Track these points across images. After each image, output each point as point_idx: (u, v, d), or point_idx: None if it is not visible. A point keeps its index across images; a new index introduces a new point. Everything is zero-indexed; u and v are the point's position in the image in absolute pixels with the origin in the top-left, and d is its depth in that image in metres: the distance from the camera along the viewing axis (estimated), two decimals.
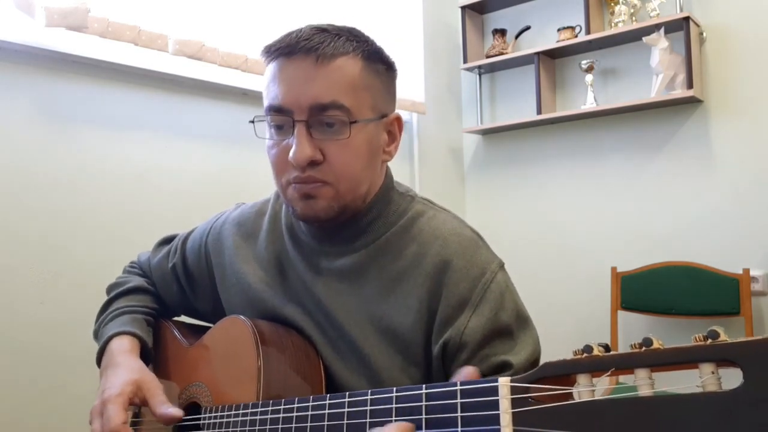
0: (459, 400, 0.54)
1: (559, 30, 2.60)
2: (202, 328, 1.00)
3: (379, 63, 0.82)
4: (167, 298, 1.06)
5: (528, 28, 2.75)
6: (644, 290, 2.31)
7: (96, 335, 1.00)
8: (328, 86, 0.76)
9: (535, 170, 2.76)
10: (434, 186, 2.76)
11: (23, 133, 1.52)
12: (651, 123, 2.47)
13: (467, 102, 2.99)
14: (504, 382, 0.51)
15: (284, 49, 0.77)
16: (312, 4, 2.15)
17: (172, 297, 1.05)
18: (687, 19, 2.25)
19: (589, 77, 2.54)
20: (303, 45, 0.76)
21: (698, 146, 2.37)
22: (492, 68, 2.85)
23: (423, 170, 2.71)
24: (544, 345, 0.82)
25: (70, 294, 1.57)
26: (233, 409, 0.79)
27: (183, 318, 1.09)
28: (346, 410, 0.64)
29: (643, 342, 0.44)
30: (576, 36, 2.57)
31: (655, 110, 2.45)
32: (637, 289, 2.32)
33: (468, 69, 2.84)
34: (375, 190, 0.85)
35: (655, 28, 2.31)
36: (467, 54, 2.81)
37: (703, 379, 0.41)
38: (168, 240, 1.09)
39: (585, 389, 0.46)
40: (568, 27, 2.58)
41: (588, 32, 2.48)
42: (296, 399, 0.70)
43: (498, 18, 2.89)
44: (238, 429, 0.77)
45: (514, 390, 0.50)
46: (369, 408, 0.62)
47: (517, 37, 2.77)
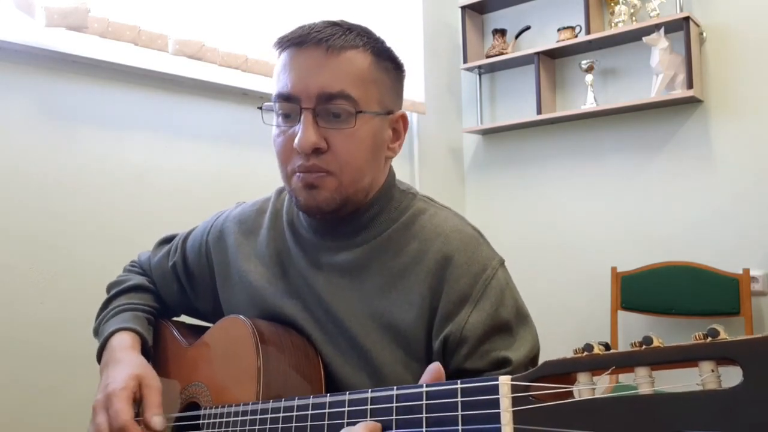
0: (459, 399, 0.54)
1: (559, 30, 2.60)
2: (202, 328, 1.00)
3: (388, 61, 0.83)
4: (167, 298, 1.06)
5: (528, 28, 2.75)
6: (644, 290, 2.30)
7: (96, 332, 1.00)
8: (337, 76, 0.77)
9: (535, 170, 2.76)
10: (434, 186, 2.75)
11: (23, 133, 1.53)
12: (651, 123, 2.47)
13: (467, 102, 2.98)
14: (504, 381, 0.51)
15: (296, 40, 0.79)
16: (312, 5, 2.15)
17: (173, 296, 1.05)
18: (687, 19, 2.25)
19: (589, 77, 2.54)
20: (314, 36, 0.78)
21: (698, 146, 2.37)
22: (492, 68, 2.85)
23: (423, 170, 2.71)
24: (544, 345, 0.82)
25: (70, 294, 1.57)
26: (233, 409, 0.78)
27: (183, 318, 1.09)
28: (346, 409, 0.64)
29: (643, 340, 0.44)
30: (576, 36, 2.57)
31: (655, 110, 2.45)
32: (637, 289, 2.32)
33: (468, 69, 2.84)
34: (377, 186, 0.85)
35: (655, 28, 2.31)
36: (467, 54, 2.81)
37: (703, 378, 0.41)
38: (168, 239, 1.09)
39: (585, 388, 0.46)
40: (568, 27, 2.58)
41: (588, 32, 2.48)
42: (296, 398, 0.70)
43: (498, 18, 2.89)
44: (238, 429, 0.77)
45: (515, 388, 0.50)
46: (369, 407, 0.62)
47: (517, 37, 2.77)
